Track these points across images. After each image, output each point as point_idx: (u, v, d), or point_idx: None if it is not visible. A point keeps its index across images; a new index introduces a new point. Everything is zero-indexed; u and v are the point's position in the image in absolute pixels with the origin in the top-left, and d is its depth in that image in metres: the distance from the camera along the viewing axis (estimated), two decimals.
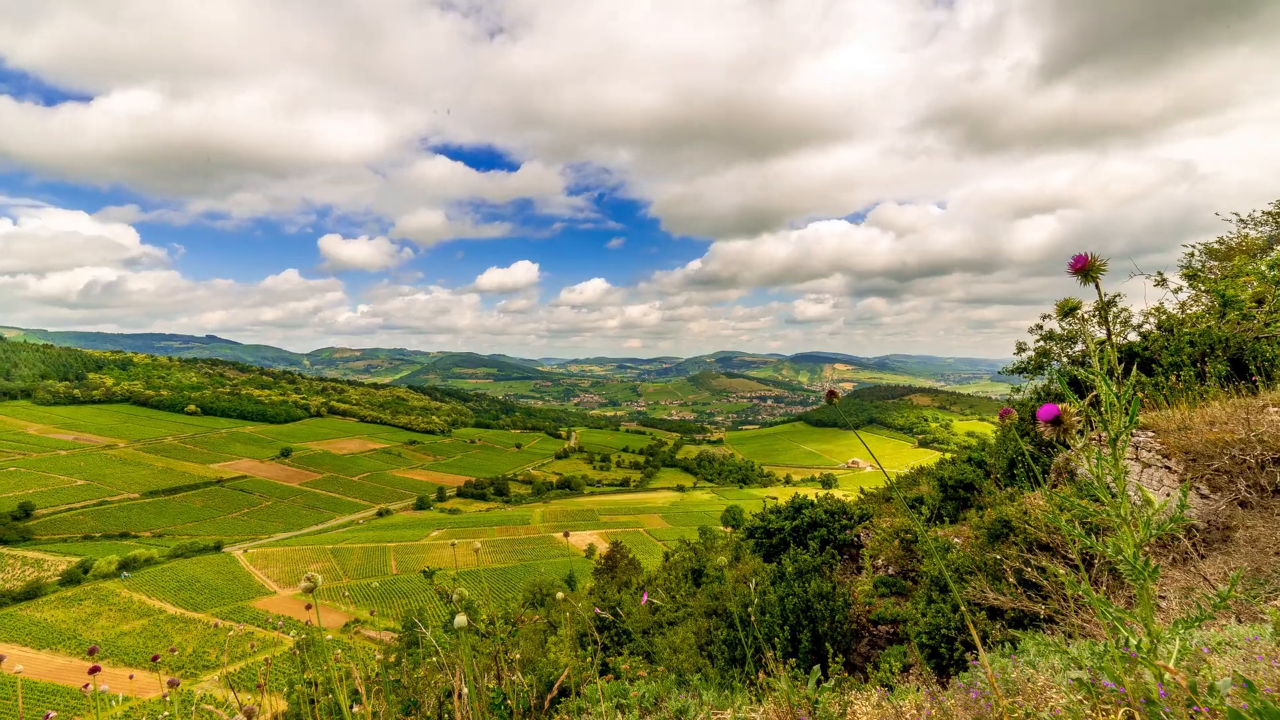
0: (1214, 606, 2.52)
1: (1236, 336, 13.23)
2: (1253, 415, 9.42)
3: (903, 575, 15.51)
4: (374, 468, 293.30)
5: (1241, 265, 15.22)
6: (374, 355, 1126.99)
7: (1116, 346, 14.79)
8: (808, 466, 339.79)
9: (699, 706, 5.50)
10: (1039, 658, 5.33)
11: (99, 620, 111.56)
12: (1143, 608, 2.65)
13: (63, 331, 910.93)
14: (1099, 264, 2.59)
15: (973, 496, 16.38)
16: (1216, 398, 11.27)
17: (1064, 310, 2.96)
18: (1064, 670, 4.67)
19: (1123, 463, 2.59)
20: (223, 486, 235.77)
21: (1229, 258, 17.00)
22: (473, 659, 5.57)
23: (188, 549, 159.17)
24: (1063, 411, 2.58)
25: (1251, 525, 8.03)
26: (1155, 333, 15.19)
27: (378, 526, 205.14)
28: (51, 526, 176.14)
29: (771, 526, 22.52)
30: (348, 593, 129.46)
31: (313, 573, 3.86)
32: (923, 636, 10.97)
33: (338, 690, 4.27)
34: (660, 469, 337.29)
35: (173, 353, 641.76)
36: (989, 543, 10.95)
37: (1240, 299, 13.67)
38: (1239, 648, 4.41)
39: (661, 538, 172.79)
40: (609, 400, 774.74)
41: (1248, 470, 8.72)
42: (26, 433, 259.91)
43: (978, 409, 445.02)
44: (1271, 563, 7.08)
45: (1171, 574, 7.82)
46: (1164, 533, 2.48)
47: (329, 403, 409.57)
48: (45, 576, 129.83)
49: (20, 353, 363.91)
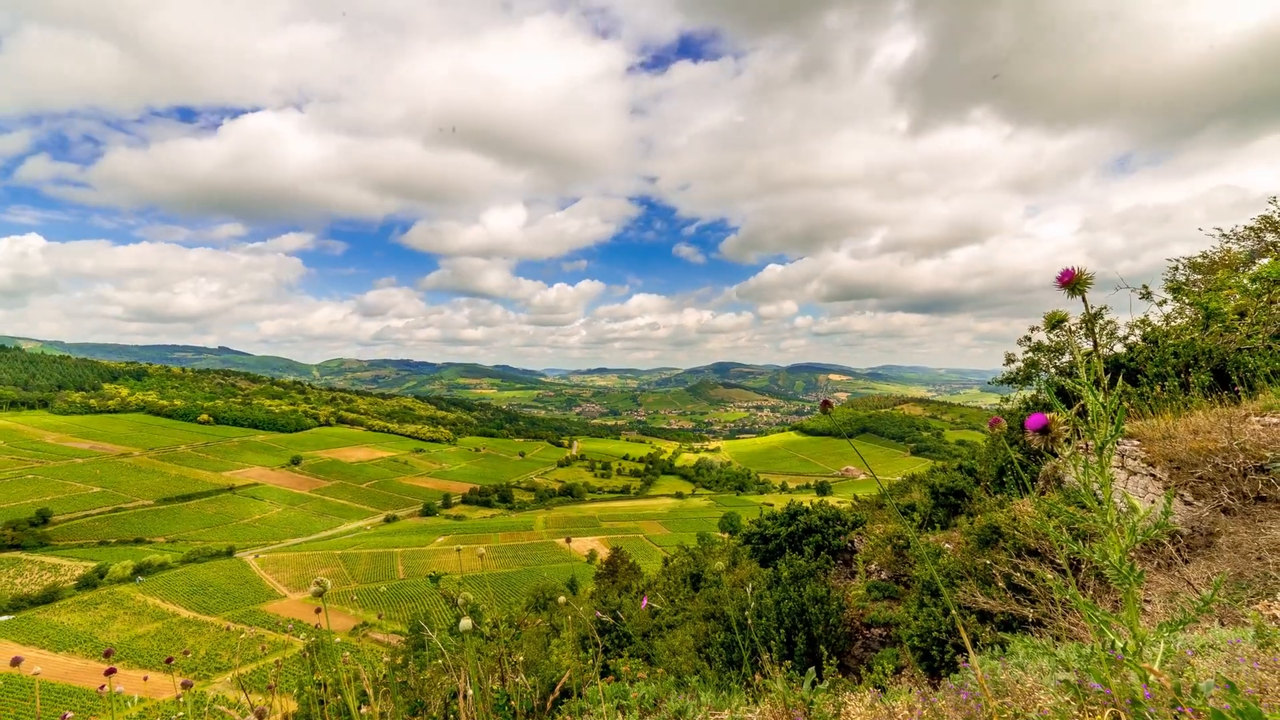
0: (1198, 610, 2.53)
1: (1219, 348, 13.25)
2: (1235, 424, 9.43)
3: (895, 580, 15.49)
4: (382, 475, 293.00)
5: (1224, 279, 15.26)
6: (382, 366, 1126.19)
7: (1103, 358, 14.82)
8: (803, 474, 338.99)
9: (697, 707, 5.49)
10: (1028, 660, 5.33)
11: (114, 623, 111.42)
12: (1128, 611, 2.65)
13: (79, 343, 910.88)
14: (1085, 278, 2.60)
15: (963, 503, 16.38)
16: (1200, 407, 11.28)
17: (1051, 323, 2.97)
18: (1052, 672, 4.67)
19: (1109, 470, 2.60)
20: (235, 493, 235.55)
21: (1212, 271, 17.04)
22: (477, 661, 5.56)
23: (201, 554, 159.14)
24: (1051, 421, 2.59)
25: (1234, 531, 8.02)
26: (1141, 344, 15.19)
27: (385, 532, 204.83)
28: (68, 532, 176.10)
29: (768, 532, 22.49)
30: (356, 597, 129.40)
31: (322, 577, 3.86)
32: (915, 639, 10.96)
33: (346, 691, 4.27)
34: (660, 477, 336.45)
35: (185, 363, 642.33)
36: (979, 548, 10.95)
37: (1223, 311, 13.70)
38: (1222, 650, 4.41)
39: (661, 543, 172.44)
40: (610, 410, 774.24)
41: (1230, 478, 8.72)
42: (44, 441, 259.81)
43: (968, 418, 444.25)
44: (1253, 568, 7.08)
45: (1156, 578, 7.81)
46: (1149, 538, 2.48)
47: (338, 412, 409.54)
48: (62, 581, 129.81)
49: (38, 364, 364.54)
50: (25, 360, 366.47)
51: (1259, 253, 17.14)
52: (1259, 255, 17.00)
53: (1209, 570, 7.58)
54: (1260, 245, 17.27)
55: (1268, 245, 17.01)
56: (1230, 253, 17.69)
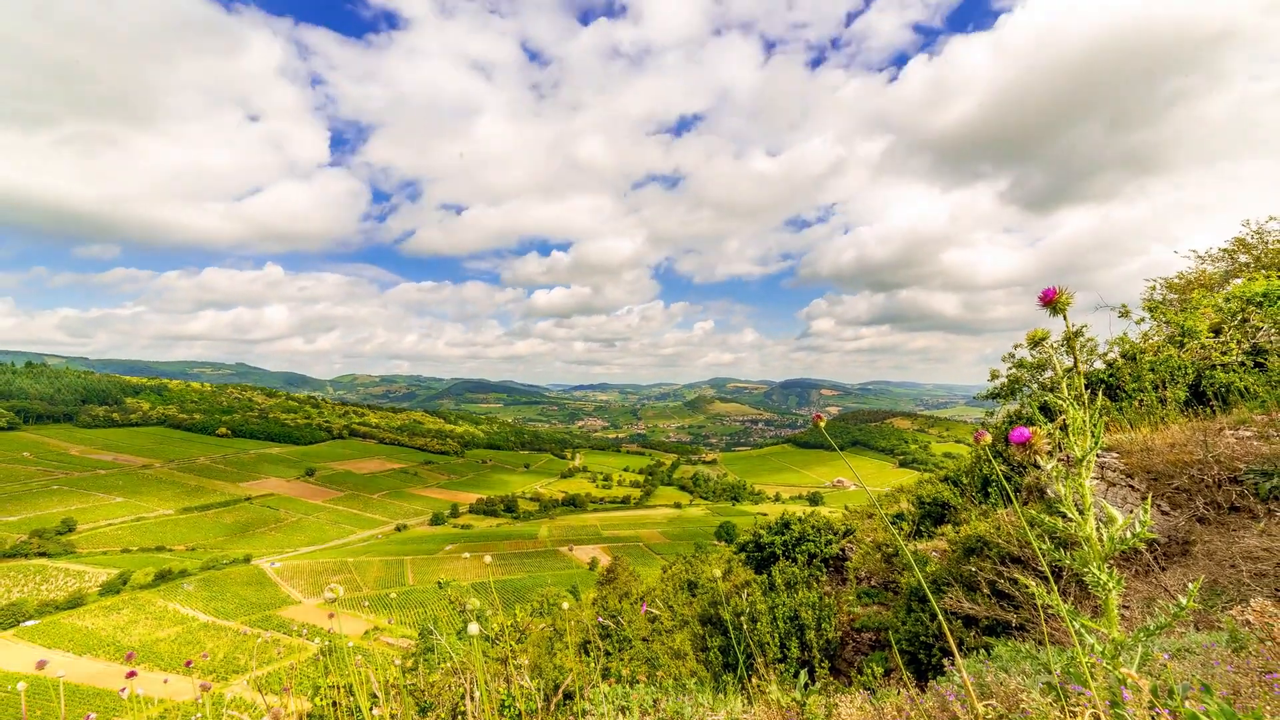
0: (1174, 616, 2.52)
1: (1195, 364, 13.28)
2: (1210, 437, 9.44)
3: (884, 586, 15.45)
4: (392, 486, 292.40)
5: (1199, 298, 15.29)
6: (392, 381, 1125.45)
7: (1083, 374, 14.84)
8: (796, 485, 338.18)
9: (694, 708, 5.47)
10: (1011, 663, 5.32)
11: (136, 628, 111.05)
12: (1107, 617, 2.65)
13: (102, 359, 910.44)
14: (1066, 297, 2.61)
15: (949, 513, 16.36)
16: (1176, 421, 11.30)
17: (1034, 340, 2.98)
18: (1034, 675, 4.66)
19: (1089, 482, 2.60)
20: (251, 503, 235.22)
21: (1188, 291, 17.07)
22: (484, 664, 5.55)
23: (219, 561, 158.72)
24: (1033, 434, 2.59)
25: (1209, 540, 8.02)
26: (1119, 361, 15.21)
27: (396, 541, 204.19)
28: (92, 540, 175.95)
29: (763, 541, 22.45)
30: (368, 602, 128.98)
31: (335, 584, 3.86)
32: (903, 643, 10.94)
33: (359, 693, 4.26)
34: (658, 487, 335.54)
35: (205, 379, 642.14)
36: (964, 556, 10.93)
37: (1198, 330, 13.74)
38: (1197, 654, 4.41)
39: (660, 551, 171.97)
40: (611, 423, 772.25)
41: (1205, 488, 8.72)
42: (69, 454, 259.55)
43: (954, 432, 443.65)
44: (1227, 575, 7.07)
45: (1134, 585, 7.80)
46: (1127, 547, 2.48)
47: (350, 425, 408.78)
48: (87, 587, 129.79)
49: (63, 379, 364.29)
50: (51, 376, 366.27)
51: (1232, 273, 17.19)
52: (1232, 275, 17.05)
53: (1185, 577, 7.57)
54: (1233, 266, 17.32)
55: (1240, 266, 17.06)
56: (1205, 273, 17.75)
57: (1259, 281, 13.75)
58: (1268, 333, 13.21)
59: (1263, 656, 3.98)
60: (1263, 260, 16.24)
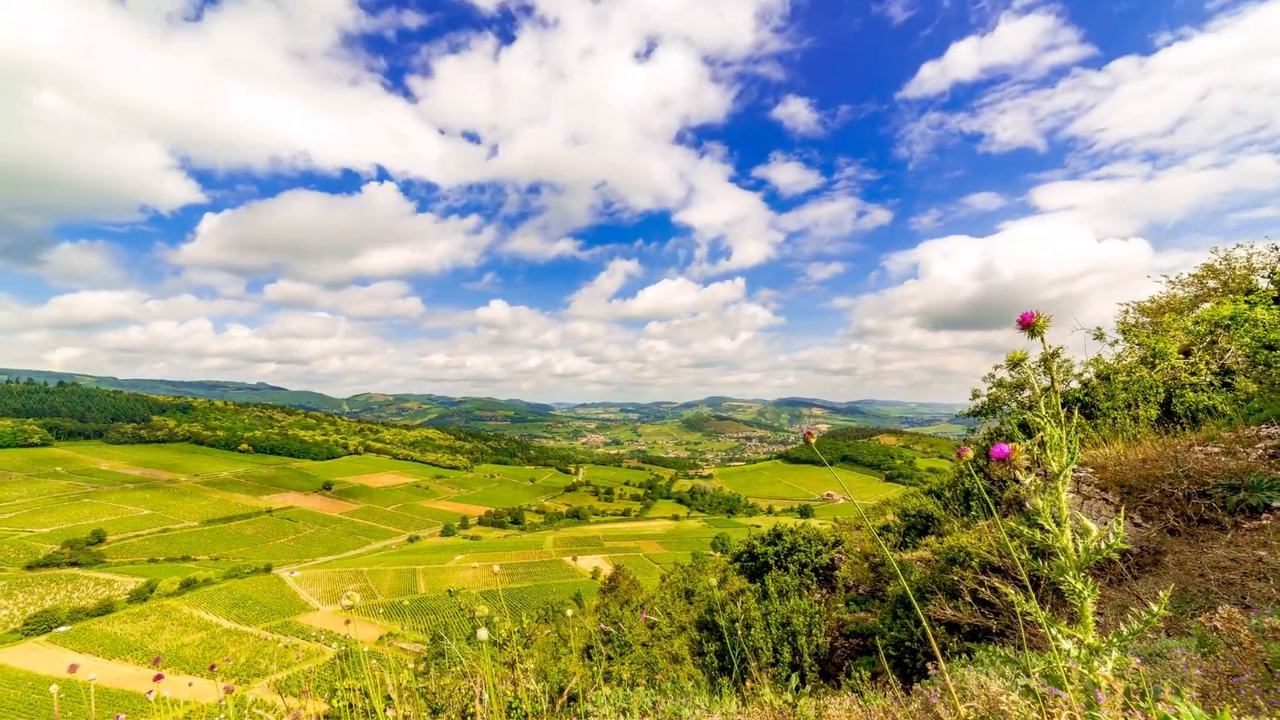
0: (1146, 623, 2.53)
1: (1166, 384, 13.31)
2: (1180, 453, 9.45)
3: (871, 594, 15.39)
4: (405, 499, 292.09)
5: (1170, 322, 15.34)
6: (405, 400, 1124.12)
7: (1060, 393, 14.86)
8: (787, 498, 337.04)
9: (692, 710, 5.45)
10: (992, 667, 5.30)
11: (162, 633, 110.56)
12: (1083, 623, 2.66)
13: (130, 379, 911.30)
14: (1043, 321, 2.63)
15: (933, 525, 16.31)
16: (1148, 438, 11.31)
17: (1013, 362, 3.00)
18: (1014, 678, 4.65)
19: (1065, 495, 2.61)
20: (272, 516, 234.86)
21: (1159, 314, 17.12)
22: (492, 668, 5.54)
23: (241, 570, 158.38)
24: (1013, 450, 2.60)
25: (1179, 550, 8.01)
26: (1094, 381, 15.23)
27: (408, 551, 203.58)
28: (121, 551, 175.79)
29: (756, 551, 22.42)
30: (382, 610, 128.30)
31: (351, 592, 3.87)
32: (889, 648, 10.88)
33: (374, 695, 4.25)
34: (657, 500, 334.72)
35: (228, 397, 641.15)
36: (947, 565, 10.89)
37: (1169, 351, 13.78)
38: (1168, 658, 4.40)
39: (659, 561, 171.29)
40: (612, 440, 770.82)
41: (1176, 502, 8.72)
42: (99, 468, 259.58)
43: (938, 448, 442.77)
44: (1196, 584, 7.06)
45: (1108, 593, 7.78)
46: (1101, 557, 2.49)
47: (366, 442, 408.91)
48: (115, 595, 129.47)
49: (93, 398, 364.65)
50: (82, 394, 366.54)
51: (1201, 297, 17.23)
52: (1201, 299, 17.09)
53: (1156, 586, 7.54)
54: (1203, 290, 17.36)
55: (1209, 290, 17.10)
56: (1176, 297, 17.79)
57: (1226, 306, 13.79)
58: (1235, 354, 13.25)
59: (1229, 660, 4.00)
60: (1230, 285, 16.27)
